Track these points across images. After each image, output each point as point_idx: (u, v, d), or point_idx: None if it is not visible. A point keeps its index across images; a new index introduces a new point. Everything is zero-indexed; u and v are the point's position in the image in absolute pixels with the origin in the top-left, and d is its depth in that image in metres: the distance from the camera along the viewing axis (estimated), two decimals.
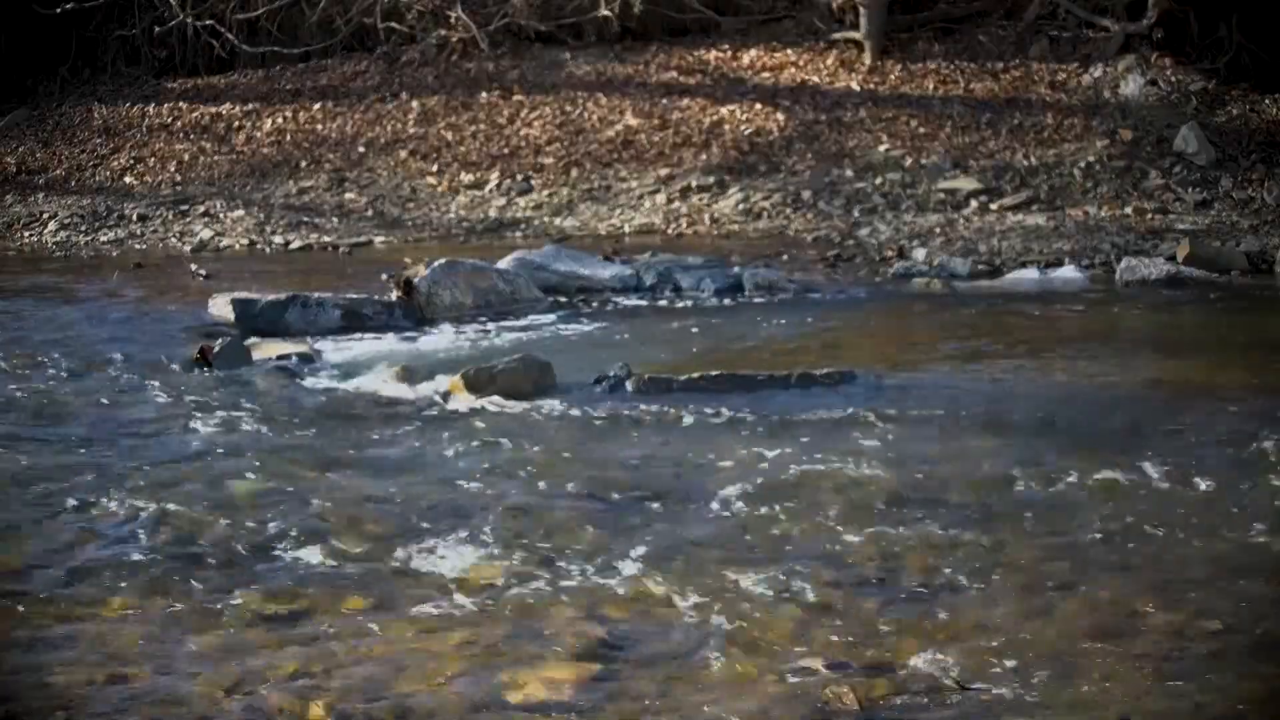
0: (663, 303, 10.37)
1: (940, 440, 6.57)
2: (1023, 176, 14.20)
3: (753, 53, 17.24)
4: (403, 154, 16.10)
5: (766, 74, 16.77)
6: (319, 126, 16.84)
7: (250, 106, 17.41)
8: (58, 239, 14.09)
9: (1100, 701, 4.01)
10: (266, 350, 8.53)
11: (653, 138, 15.70)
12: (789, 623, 4.54)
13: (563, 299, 10.36)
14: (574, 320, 9.70)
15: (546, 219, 14.23)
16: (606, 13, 16.91)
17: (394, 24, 17.44)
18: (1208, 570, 4.94)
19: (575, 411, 7.13)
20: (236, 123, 17.12)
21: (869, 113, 15.69)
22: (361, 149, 16.29)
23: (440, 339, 9.15)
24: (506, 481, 6.00)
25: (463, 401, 7.29)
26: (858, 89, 16.22)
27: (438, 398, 7.39)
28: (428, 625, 4.55)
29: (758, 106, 16.00)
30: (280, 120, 17.05)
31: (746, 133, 15.52)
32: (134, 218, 14.58)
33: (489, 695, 4.06)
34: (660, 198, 14.51)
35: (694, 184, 14.64)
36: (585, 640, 4.42)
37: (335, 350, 8.70)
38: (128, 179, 16.23)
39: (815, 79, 16.56)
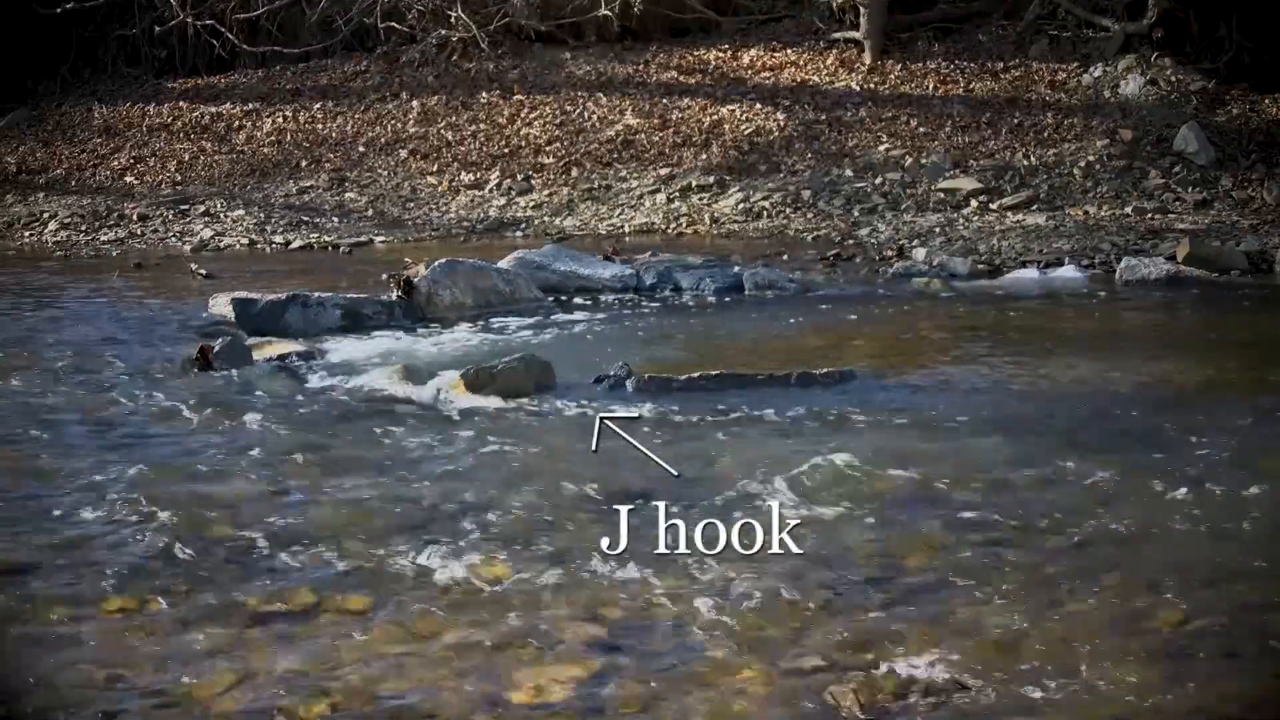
0: (663, 303, 10.38)
1: (940, 440, 6.57)
2: (1023, 176, 14.20)
3: (753, 53, 17.25)
4: (403, 154, 16.11)
5: (766, 74, 16.78)
6: (319, 126, 16.85)
7: (250, 106, 17.42)
8: (58, 239, 14.08)
9: (1100, 701, 4.01)
10: (267, 350, 8.52)
11: (653, 137, 15.70)
12: (789, 623, 4.54)
13: (563, 299, 10.36)
14: (574, 320, 9.69)
15: (546, 218, 14.24)
16: (606, 13, 16.92)
17: (394, 24, 17.45)
18: (1208, 570, 4.94)
19: (576, 411, 7.13)
20: (236, 122, 17.13)
21: (869, 112, 15.70)
22: (361, 149, 16.31)
23: (440, 339, 9.15)
24: (507, 481, 6.00)
25: (463, 401, 7.28)
26: (858, 89, 16.22)
27: (438, 397, 7.39)
28: (428, 625, 4.55)
29: (758, 106, 16.01)
30: (280, 120, 17.06)
31: (746, 132, 15.53)
32: (134, 217, 14.58)
33: (489, 695, 4.07)
34: (660, 197, 14.52)
35: (694, 184, 14.64)
36: (585, 640, 4.43)
37: (336, 350, 8.69)
38: (128, 179, 16.24)
39: (815, 79, 16.57)
